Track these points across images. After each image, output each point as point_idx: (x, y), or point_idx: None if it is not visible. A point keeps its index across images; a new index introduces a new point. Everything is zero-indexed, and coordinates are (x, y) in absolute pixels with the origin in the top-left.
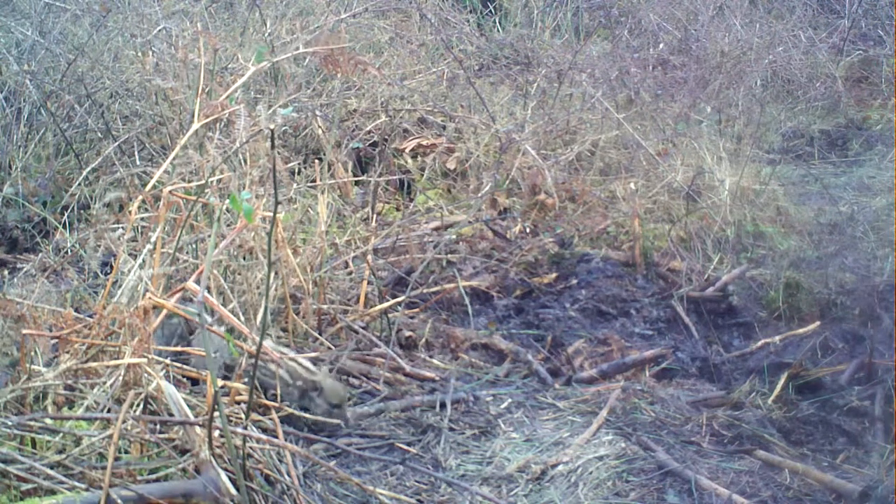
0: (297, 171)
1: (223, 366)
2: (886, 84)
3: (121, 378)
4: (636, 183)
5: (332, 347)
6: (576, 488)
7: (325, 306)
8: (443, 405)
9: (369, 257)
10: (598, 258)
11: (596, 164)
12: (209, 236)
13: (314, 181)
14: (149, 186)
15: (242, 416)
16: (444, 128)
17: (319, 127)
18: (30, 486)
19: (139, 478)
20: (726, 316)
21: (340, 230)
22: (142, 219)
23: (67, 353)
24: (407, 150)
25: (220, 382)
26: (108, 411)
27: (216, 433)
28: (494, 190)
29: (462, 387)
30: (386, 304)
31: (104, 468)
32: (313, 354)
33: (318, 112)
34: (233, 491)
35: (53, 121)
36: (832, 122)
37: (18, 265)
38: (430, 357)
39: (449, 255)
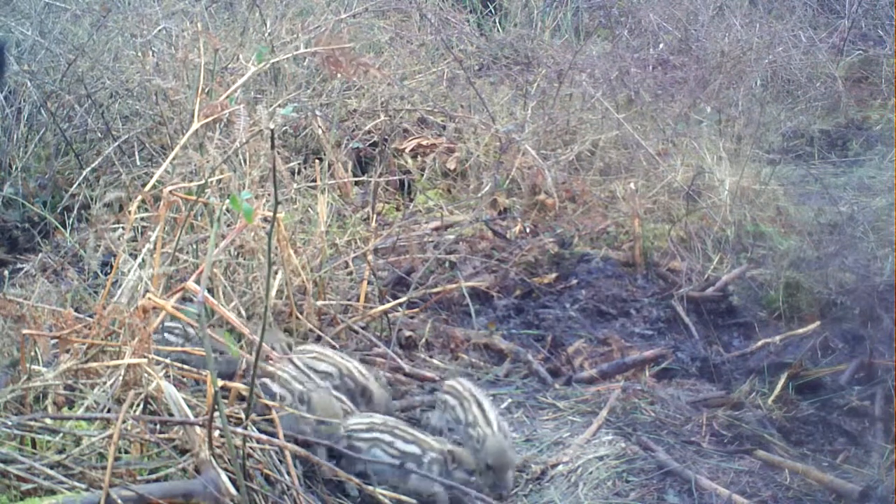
0: (297, 171)
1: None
2: (886, 84)
3: (121, 378)
4: (636, 183)
5: (336, 347)
6: (576, 488)
7: (325, 303)
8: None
9: (370, 257)
10: (598, 258)
11: (596, 164)
12: (209, 236)
13: (314, 181)
14: (149, 186)
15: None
16: (444, 128)
17: (319, 127)
18: (30, 486)
19: (139, 478)
20: (726, 316)
21: (340, 230)
22: (142, 219)
23: (67, 352)
24: (407, 150)
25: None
26: (108, 411)
27: (216, 433)
28: (494, 190)
29: None
30: (387, 305)
31: (104, 468)
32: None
33: (318, 112)
34: (233, 491)
35: (53, 121)
36: (832, 122)
37: (18, 265)
38: (430, 357)
39: (449, 256)
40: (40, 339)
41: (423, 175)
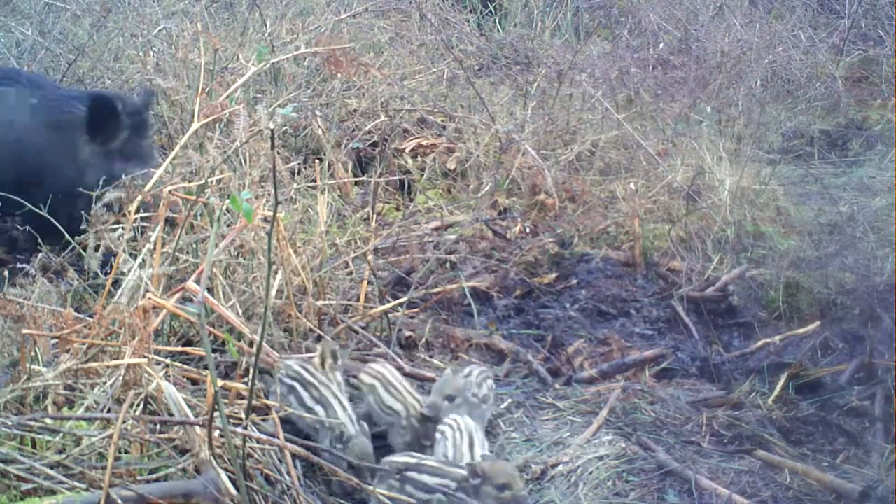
0: (297, 171)
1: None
2: (886, 84)
3: (121, 378)
4: (636, 183)
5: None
6: (576, 488)
7: (325, 303)
8: None
9: (370, 257)
10: (598, 258)
11: (596, 164)
12: (209, 236)
13: (314, 181)
14: (148, 186)
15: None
16: (444, 128)
17: (319, 127)
18: (30, 486)
19: (139, 478)
20: (726, 316)
21: (340, 230)
22: (142, 219)
23: (67, 352)
24: (407, 150)
25: (220, 382)
26: (108, 411)
27: (216, 433)
28: (494, 190)
29: None
30: (388, 305)
31: (104, 468)
32: (315, 355)
33: (318, 112)
34: (233, 491)
35: None
36: (832, 122)
37: (18, 265)
38: (430, 357)
39: (449, 256)
40: (40, 339)
41: (423, 175)
